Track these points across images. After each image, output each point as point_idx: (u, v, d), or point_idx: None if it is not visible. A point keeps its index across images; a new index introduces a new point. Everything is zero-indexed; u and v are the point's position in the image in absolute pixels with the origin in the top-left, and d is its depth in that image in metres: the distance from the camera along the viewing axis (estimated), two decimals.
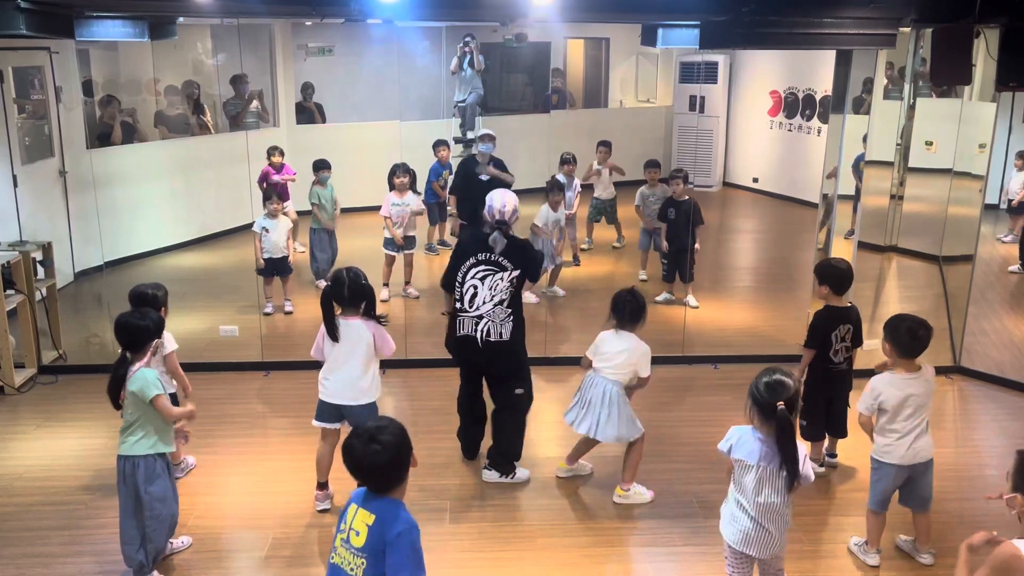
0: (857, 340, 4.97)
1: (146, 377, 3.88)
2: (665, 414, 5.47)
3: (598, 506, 4.78)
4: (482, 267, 4.63)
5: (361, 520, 2.68)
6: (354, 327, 4.40)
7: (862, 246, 6.43)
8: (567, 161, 8.53)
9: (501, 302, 4.63)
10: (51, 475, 5.05)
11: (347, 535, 2.70)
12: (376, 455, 2.64)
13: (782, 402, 3.31)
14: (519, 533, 4.51)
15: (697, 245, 7.70)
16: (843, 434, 5.08)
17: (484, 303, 4.63)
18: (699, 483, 4.96)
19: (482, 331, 4.66)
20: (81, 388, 6.19)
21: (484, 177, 7.62)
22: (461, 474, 5.07)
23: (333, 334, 4.38)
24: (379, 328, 4.45)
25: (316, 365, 4.59)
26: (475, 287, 4.64)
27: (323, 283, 8.49)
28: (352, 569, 2.68)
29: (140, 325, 3.96)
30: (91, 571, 4.16)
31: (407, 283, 8.13)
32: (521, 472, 4.98)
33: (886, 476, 4.14)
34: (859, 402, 4.17)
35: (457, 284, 4.72)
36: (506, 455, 4.95)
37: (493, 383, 4.95)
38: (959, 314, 6.55)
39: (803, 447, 3.44)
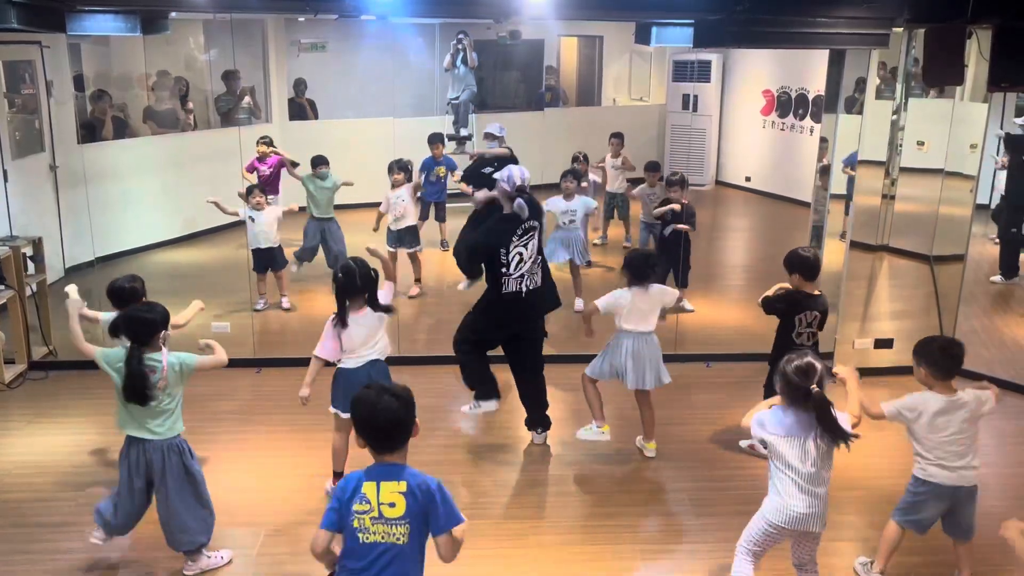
0: (820, 326, 5.11)
1: (180, 357, 4.00)
2: (658, 412, 5.47)
3: (591, 503, 4.79)
4: (524, 236, 5.07)
5: (391, 492, 2.78)
6: (367, 317, 4.53)
7: (854, 245, 6.46)
8: (578, 159, 8.54)
9: (534, 257, 5.12)
10: (41, 471, 5.03)
11: (377, 511, 2.77)
12: (393, 409, 2.78)
13: (815, 384, 3.40)
14: (511, 530, 4.51)
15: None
16: None
17: (525, 262, 5.06)
18: (693, 481, 4.97)
19: (525, 285, 5.10)
20: (71, 384, 6.16)
21: (488, 169, 7.47)
22: (453, 471, 5.07)
23: (345, 322, 4.48)
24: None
25: (308, 362, 4.56)
26: (520, 253, 5.05)
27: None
28: (396, 539, 2.79)
29: (147, 318, 4.01)
30: (81, 568, 4.15)
31: (417, 280, 8.06)
32: None
33: (926, 498, 3.96)
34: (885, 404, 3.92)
35: (501, 255, 5.02)
36: (544, 409, 5.38)
37: (525, 341, 5.28)
38: (950, 313, 6.57)
39: (843, 415, 3.52)
